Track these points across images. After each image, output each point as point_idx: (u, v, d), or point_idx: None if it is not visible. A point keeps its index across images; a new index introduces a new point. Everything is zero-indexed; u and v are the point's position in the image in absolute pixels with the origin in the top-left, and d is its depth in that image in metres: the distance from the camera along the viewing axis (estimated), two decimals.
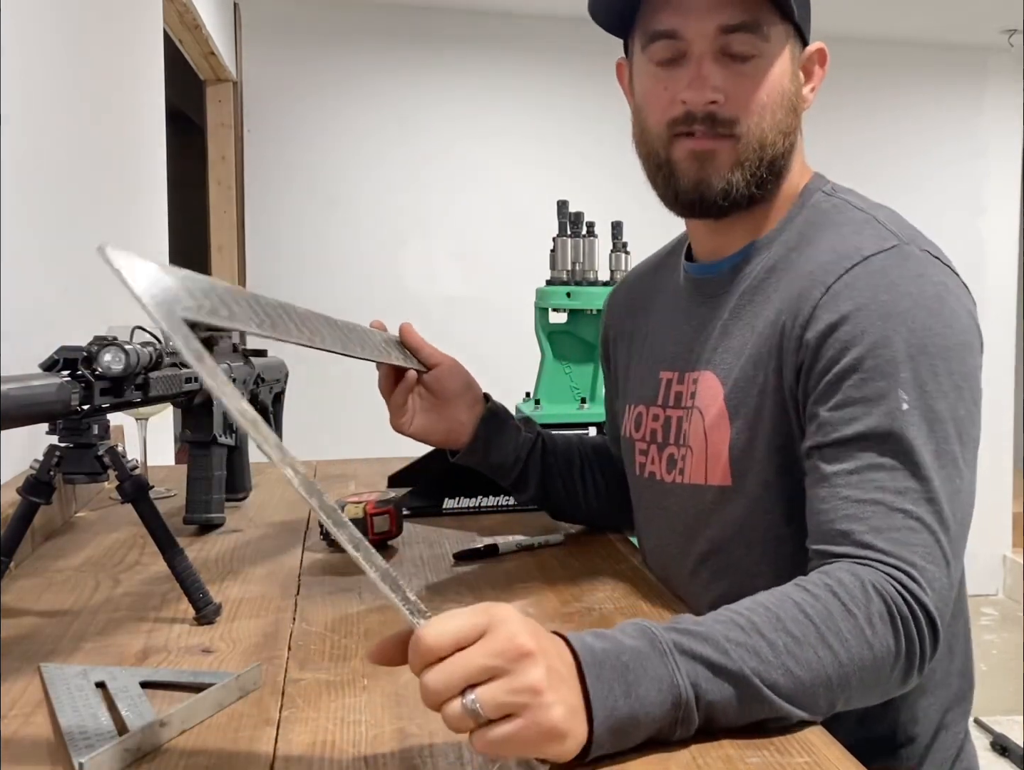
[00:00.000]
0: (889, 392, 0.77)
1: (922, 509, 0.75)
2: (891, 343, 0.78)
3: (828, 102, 4.05)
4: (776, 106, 0.89)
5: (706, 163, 0.89)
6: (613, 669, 0.61)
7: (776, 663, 0.65)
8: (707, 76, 0.87)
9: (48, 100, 1.51)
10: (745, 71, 0.88)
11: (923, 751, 0.93)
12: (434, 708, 0.57)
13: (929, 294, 0.80)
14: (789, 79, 0.90)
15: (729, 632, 0.66)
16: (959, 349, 0.80)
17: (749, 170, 0.89)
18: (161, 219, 2.38)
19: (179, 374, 1.04)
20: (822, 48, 0.94)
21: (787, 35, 0.89)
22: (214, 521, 1.19)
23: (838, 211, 0.90)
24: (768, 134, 0.89)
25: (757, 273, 0.92)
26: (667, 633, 0.65)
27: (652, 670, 0.62)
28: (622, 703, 0.60)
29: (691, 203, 0.92)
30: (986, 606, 4.54)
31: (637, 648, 0.63)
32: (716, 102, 0.87)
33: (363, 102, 3.99)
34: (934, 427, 0.77)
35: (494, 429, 1.08)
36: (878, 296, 0.80)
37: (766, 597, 0.71)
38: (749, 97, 0.88)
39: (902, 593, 0.72)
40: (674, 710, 0.62)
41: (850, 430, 0.78)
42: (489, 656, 0.56)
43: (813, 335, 0.82)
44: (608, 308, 1.18)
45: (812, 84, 0.94)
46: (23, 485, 0.88)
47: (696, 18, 0.86)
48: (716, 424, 0.90)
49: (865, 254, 0.82)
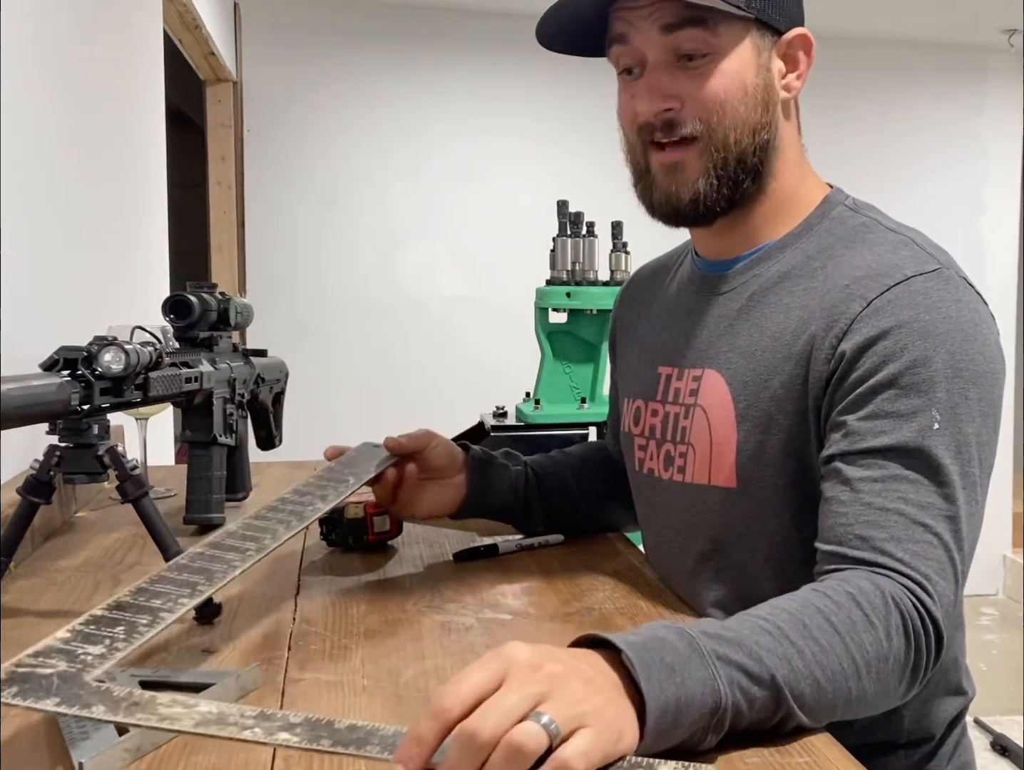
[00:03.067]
0: (923, 410, 0.78)
1: (941, 526, 0.76)
2: (930, 363, 0.79)
3: (828, 102, 4.07)
4: (737, 102, 0.88)
5: (676, 174, 0.90)
6: (660, 670, 0.59)
7: (805, 673, 0.65)
8: (656, 85, 0.88)
9: (48, 100, 1.51)
10: (698, 71, 0.87)
11: (926, 753, 0.93)
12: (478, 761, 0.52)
13: (966, 320, 0.81)
14: (754, 72, 0.88)
15: (759, 637, 0.65)
16: (989, 377, 0.81)
17: (715, 174, 0.89)
18: (161, 219, 2.38)
19: (179, 374, 1.04)
20: (803, 34, 0.91)
21: (745, 28, 0.88)
22: (214, 521, 1.19)
23: (868, 230, 0.90)
24: (731, 132, 0.88)
25: (770, 276, 0.92)
26: (702, 636, 0.63)
27: (696, 672, 0.60)
28: (672, 704, 0.58)
29: (665, 214, 0.93)
30: (986, 606, 4.54)
31: (679, 649, 0.61)
32: (671, 108, 0.88)
33: (363, 102, 3.99)
34: (961, 449, 0.78)
35: (485, 474, 1.10)
36: (920, 316, 0.80)
37: (786, 602, 0.70)
38: (704, 97, 0.87)
39: (917, 606, 0.73)
40: (711, 715, 0.60)
41: (879, 442, 0.78)
42: (523, 689, 0.54)
43: (850, 346, 0.81)
44: (618, 302, 1.19)
45: (798, 71, 0.92)
46: (23, 485, 0.88)
47: (640, 25, 0.87)
48: (722, 425, 0.90)
49: (907, 274, 0.82)
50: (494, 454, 1.13)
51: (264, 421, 1.41)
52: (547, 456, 1.20)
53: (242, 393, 1.28)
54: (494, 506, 1.12)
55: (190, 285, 1.21)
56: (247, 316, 1.30)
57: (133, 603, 0.67)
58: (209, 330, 1.21)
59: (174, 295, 1.18)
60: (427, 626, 0.87)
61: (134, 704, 0.54)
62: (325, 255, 3.98)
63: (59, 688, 0.55)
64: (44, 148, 1.47)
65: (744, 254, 0.95)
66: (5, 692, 0.54)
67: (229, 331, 1.25)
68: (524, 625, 0.89)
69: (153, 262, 2.28)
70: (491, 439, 1.93)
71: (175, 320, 1.18)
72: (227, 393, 1.22)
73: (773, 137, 0.91)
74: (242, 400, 1.28)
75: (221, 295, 1.24)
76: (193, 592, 0.70)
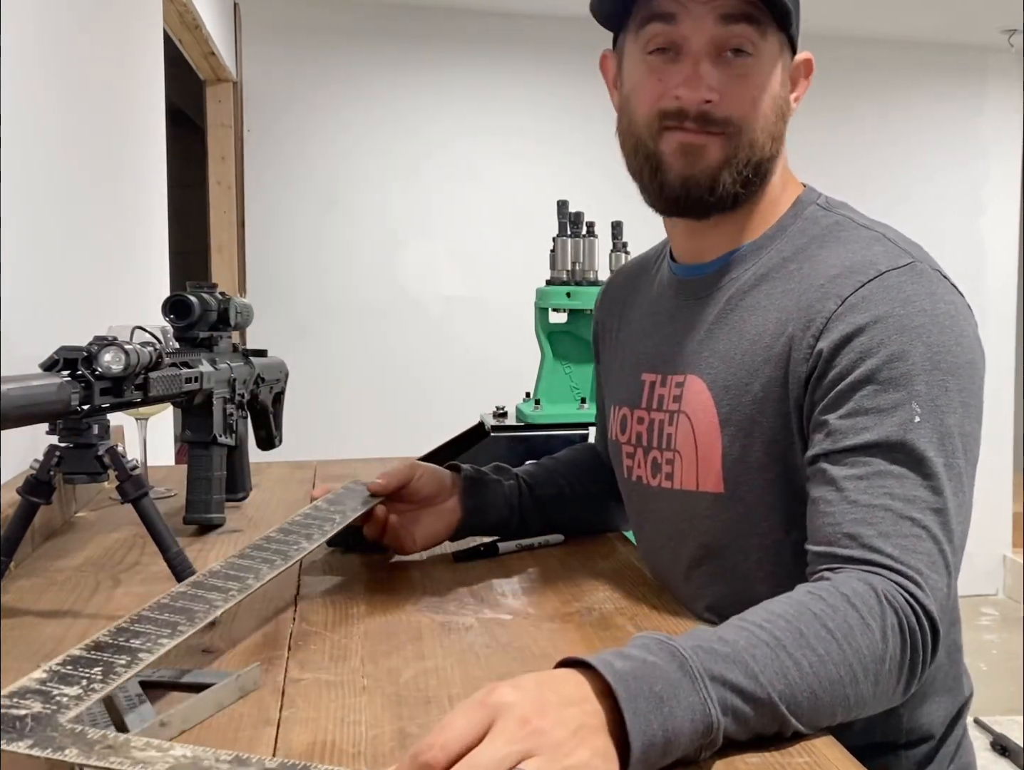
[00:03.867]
0: (903, 404, 0.78)
1: (929, 519, 0.76)
2: (907, 356, 0.78)
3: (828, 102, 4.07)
4: (768, 109, 0.89)
5: (695, 158, 0.88)
6: (648, 701, 0.58)
7: (802, 685, 0.65)
8: (703, 75, 0.86)
9: (48, 100, 1.51)
10: (741, 70, 0.87)
11: (926, 753, 0.93)
12: None
13: (941, 312, 0.81)
14: (780, 84, 0.90)
15: (755, 650, 0.64)
16: (967, 368, 0.81)
17: (736, 168, 0.89)
18: (161, 219, 2.38)
19: (179, 374, 1.04)
20: (809, 59, 0.94)
21: (781, 43, 0.90)
22: (214, 521, 1.19)
23: (841, 228, 0.90)
24: (759, 136, 0.89)
25: (747, 279, 0.92)
26: (695, 654, 0.62)
27: (685, 699, 0.60)
28: (659, 737, 0.58)
29: (676, 198, 0.91)
30: (986, 606, 4.54)
31: (668, 675, 0.60)
32: (711, 101, 0.87)
33: (363, 102, 3.99)
34: (944, 441, 0.78)
35: (478, 493, 1.09)
36: (895, 310, 0.80)
37: (781, 607, 0.70)
38: (744, 97, 0.88)
39: (911, 603, 0.72)
40: (703, 738, 0.60)
41: (861, 439, 0.78)
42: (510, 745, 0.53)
43: (827, 344, 0.81)
44: (597, 306, 1.18)
45: (796, 93, 0.94)
46: (23, 485, 0.88)
47: (696, 6, 0.86)
48: (706, 431, 0.90)
49: (881, 269, 0.82)
50: (485, 471, 1.12)
51: (264, 421, 1.41)
52: (537, 464, 1.19)
53: (242, 393, 1.28)
54: (491, 522, 1.11)
55: (190, 285, 1.22)
56: (247, 316, 1.30)
57: (112, 643, 0.66)
58: (209, 330, 1.21)
59: (174, 295, 1.18)
60: (427, 626, 0.88)
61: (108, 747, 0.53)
62: (325, 255, 3.98)
63: (32, 729, 0.54)
64: (44, 148, 1.47)
65: (720, 257, 0.95)
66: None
67: (229, 331, 1.25)
68: (524, 625, 0.89)
69: (153, 262, 2.28)
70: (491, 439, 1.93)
71: (175, 320, 1.18)
72: (227, 393, 1.22)
73: (780, 149, 0.92)
74: (242, 400, 1.28)
75: (221, 295, 1.24)
76: (173, 632, 0.69)
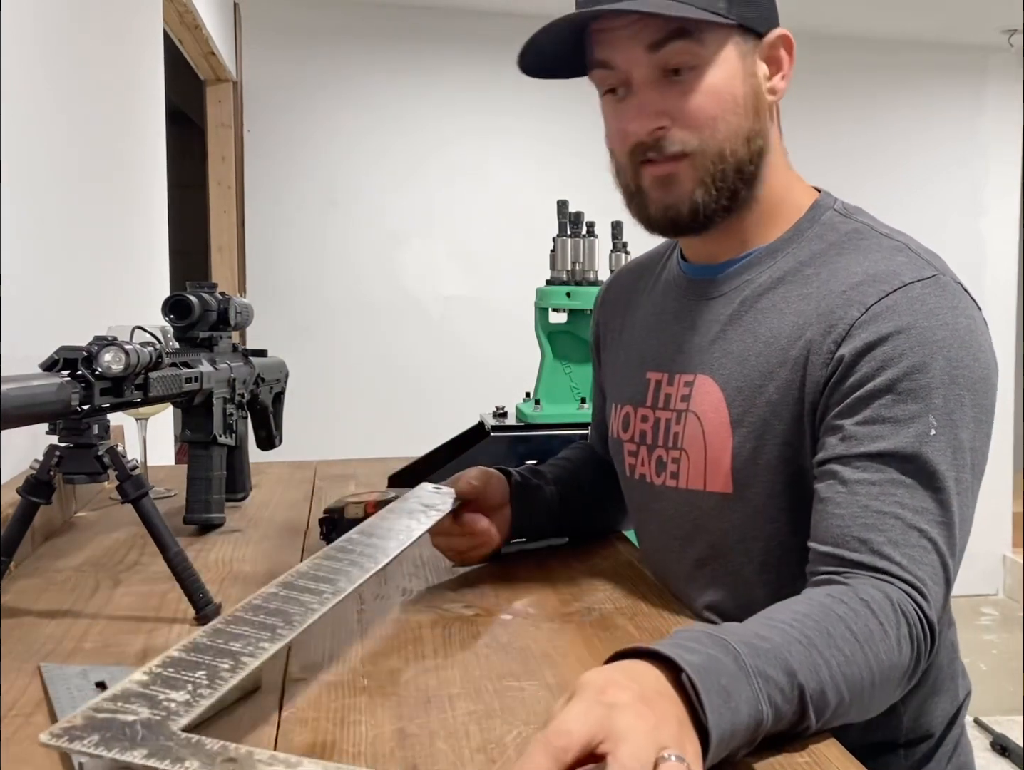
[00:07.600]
0: (920, 416, 0.78)
1: (935, 531, 0.77)
2: (928, 369, 0.79)
3: (828, 103, 4.08)
4: (729, 114, 0.87)
5: (669, 187, 0.89)
6: (719, 695, 0.59)
7: (831, 685, 0.65)
8: (646, 104, 0.86)
9: (48, 100, 1.51)
10: (687, 87, 0.86)
11: (925, 752, 0.93)
12: None
13: (962, 326, 0.81)
14: (741, 80, 0.87)
15: (791, 647, 0.65)
16: (983, 383, 0.81)
17: (714, 185, 0.88)
18: (161, 219, 2.38)
19: (179, 374, 1.04)
20: (784, 34, 0.90)
21: (727, 35, 0.86)
22: (214, 521, 1.19)
23: (860, 235, 0.89)
24: (725, 144, 0.87)
25: (762, 281, 0.91)
26: (744, 649, 0.63)
27: (743, 694, 0.60)
28: (727, 732, 0.58)
29: (664, 227, 0.92)
30: (986, 606, 4.54)
31: (729, 669, 0.61)
32: (663, 127, 0.87)
33: (363, 102, 3.99)
34: (956, 456, 0.78)
35: (528, 499, 1.08)
36: (918, 322, 0.80)
37: (806, 608, 0.70)
38: (697, 114, 0.86)
39: (917, 612, 0.74)
40: (753, 733, 0.61)
41: (876, 446, 0.78)
42: (647, 741, 0.53)
43: (849, 351, 0.81)
44: (598, 305, 1.17)
45: (782, 71, 0.91)
46: (23, 485, 0.88)
47: (623, 46, 0.86)
48: (717, 431, 0.90)
49: (905, 280, 0.82)
50: (527, 476, 1.11)
51: (264, 421, 1.41)
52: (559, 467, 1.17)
53: (242, 393, 1.28)
54: (532, 528, 1.10)
55: (190, 285, 1.22)
56: (247, 316, 1.30)
57: (211, 645, 0.64)
58: (209, 330, 1.21)
59: (174, 295, 1.18)
60: (427, 626, 0.87)
61: (230, 760, 0.50)
62: (325, 255, 3.98)
63: (144, 738, 0.50)
64: (44, 148, 1.47)
65: (733, 259, 0.95)
66: (86, 741, 0.50)
67: (229, 331, 1.25)
68: (524, 625, 0.89)
69: (153, 262, 2.28)
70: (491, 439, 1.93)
71: (175, 320, 1.18)
72: (227, 393, 1.22)
73: (765, 143, 0.91)
74: (242, 400, 1.28)
75: (221, 295, 1.24)
76: (273, 635, 0.67)
